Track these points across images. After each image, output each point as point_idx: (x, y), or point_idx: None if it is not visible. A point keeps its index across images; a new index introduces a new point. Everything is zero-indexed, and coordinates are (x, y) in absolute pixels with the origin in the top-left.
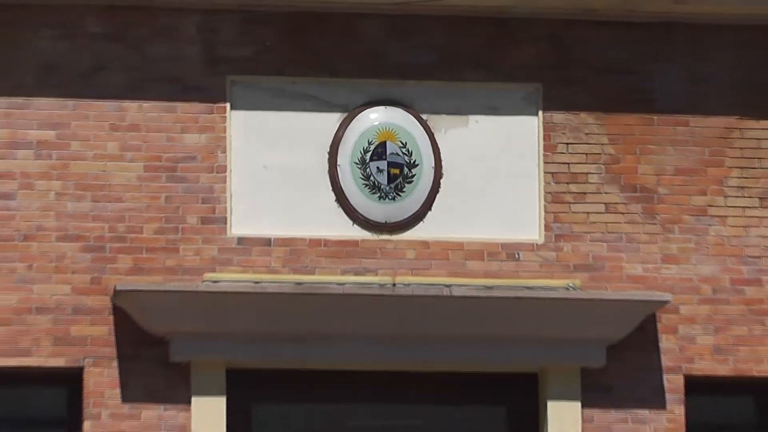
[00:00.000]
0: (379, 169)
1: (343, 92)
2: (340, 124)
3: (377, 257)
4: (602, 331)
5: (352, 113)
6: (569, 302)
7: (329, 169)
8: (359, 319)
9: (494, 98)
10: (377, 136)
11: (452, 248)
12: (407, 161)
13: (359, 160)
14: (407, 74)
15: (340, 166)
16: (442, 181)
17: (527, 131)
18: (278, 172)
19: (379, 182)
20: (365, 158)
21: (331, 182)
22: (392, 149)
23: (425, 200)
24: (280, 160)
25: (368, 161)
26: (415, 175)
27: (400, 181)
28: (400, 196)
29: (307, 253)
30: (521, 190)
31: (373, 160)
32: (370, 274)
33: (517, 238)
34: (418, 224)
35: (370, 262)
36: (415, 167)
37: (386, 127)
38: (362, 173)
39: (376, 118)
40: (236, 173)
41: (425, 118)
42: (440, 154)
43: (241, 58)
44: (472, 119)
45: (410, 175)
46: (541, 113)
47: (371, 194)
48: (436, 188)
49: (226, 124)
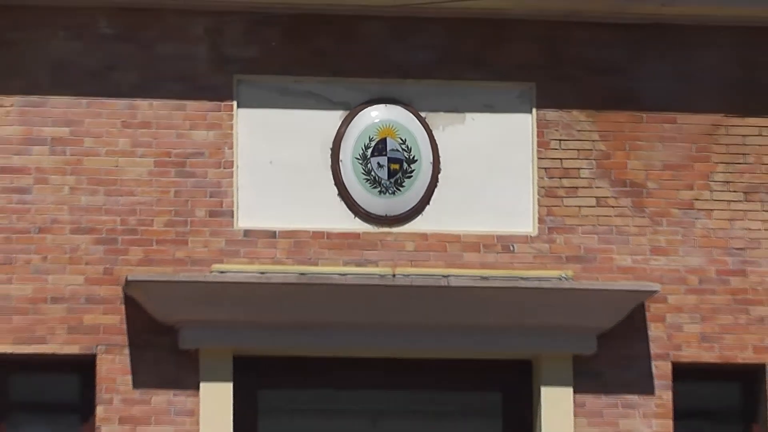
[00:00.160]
0: (379, 164)
1: (345, 91)
2: (342, 121)
3: (378, 249)
4: (593, 319)
5: (353, 111)
6: (562, 292)
7: (332, 164)
8: (360, 308)
9: (490, 96)
10: (378, 132)
11: (450, 240)
12: (407, 157)
13: (360, 155)
14: (407, 73)
15: (342, 161)
16: (440, 176)
17: (521, 128)
18: (283, 167)
19: (379, 177)
20: (366, 154)
21: (333, 177)
22: (392, 145)
23: (424, 194)
24: (284, 155)
25: (369, 157)
26: (414, 170)
27: (399, 176)
28: (399, 190)
29: (310, 245)
30: (516, 184)
31: (373, 155)
32: (371, 265)
33: (511, 230)
34: (417, 217)
35: (371, 253)
36: (414, 163)
37: (386, 124)
38: (363, 168)
39: (376, 115)
40: (243, 168)
41: (424, 115)
42: (438, 150)
43: (247, 57)
44: (468, 116)
45: (409, 170)
46: (534, 111)
47: (372, 189)
48: (434, 183)
49: (233, 121)
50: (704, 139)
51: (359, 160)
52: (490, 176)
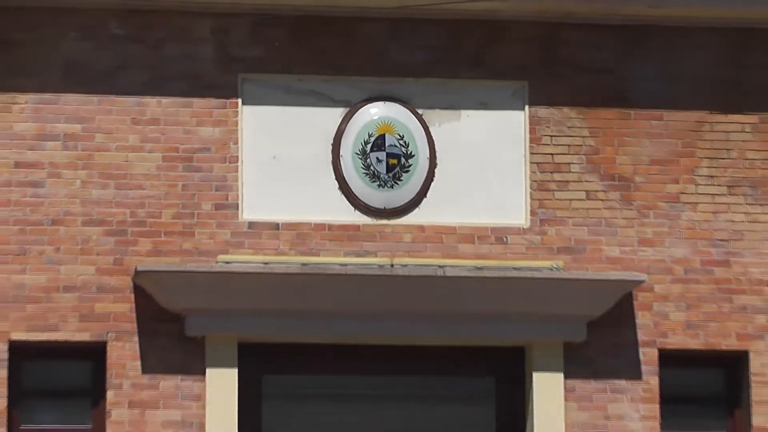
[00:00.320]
0: (378, 159)
1: (345, 89)
2: (342, 118)
3: (377, 240)
4: (583, 308)
5: (353, 108)
6: (553, 282)
7: (333, 159)
8: (360, 297)
9: (484, 94)
10: (377, 129)
11: (445, 232)
12: (404, 152)
13: (360, 151)
14: (405, 72)
15: (342, 156)
16: (436, 170)
17: (515, 125)
18: (286, 162)
19: (378, 171)
20: (366, 149)
21: (334, 171)
22: (391, 141)
23: (421, 188)
24: (287, 151)
25: (368, 152)
26: (411, 165)
27: (397, 170)
28: (397, 184)
29: (312, 236)
30: (509, 178)
31: (373, 151)
32: (370, 255)
33: (505, 222)
34: (414, 210)
35: (370, 244)
36: (411, 158)
37: (385, 120)
38: (363, 163)
39: (376, 112)
40: (247, 163)
41: (421, 112)
42: (435, 145)
43: (251, 57)
44: (464, 114)
45: (407, 165)
46: (527, 108)
47: (371, 182)
48: (430, 177)
49: (238, 118)
50: (689, 135)
51: (359, 155)
52: (484, 171)
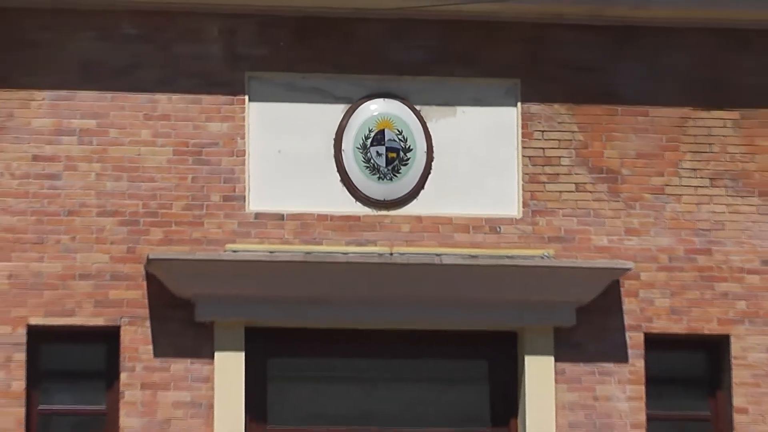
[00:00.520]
0: (378, 153)
1: (346, 86)
2: (344, 114)
3: (376, 230)
4: (573, 294)
5: (354, 105)
6: (544, 270)
7: (335, 153)
8: (360, 284)
9: (479, 91)
10: (377, 124)
11: (442, 222)
12: (403, 146)
13: (361, 145)
14: (403, 71)
15: (344, 150)
16: (433, 163)
17: (507, 120)
18: (290, 156)
19: (378, 165)
20: (366, 144)
21: (336, 165)
22: (390, 136)
23: (418, 180)
24: (291, 145)
25: (369, 146)
26: (409, 158)
27: (396, 163)
28: (396, 176)
29: (315, 226)
30: (502, 171)
31: (373, 145)
32: (370, 245)
33: (498, 213)
34: (412, 201)
35: (370, 234)
36: (409, 152)
37: (385, 116)
38: (363, 157)
39: (375, 108)
40: (254, 157)
41: (419, 108)
42: (432, 140)
43: (257, 56)
44: (459, 110)
45: (405, 158)
46: (519, 105)
47: (371, 175)
48: (428, 170)
49: (244, 114)
50: (674, 130)
51: (360, 149)
52: (479, 164)
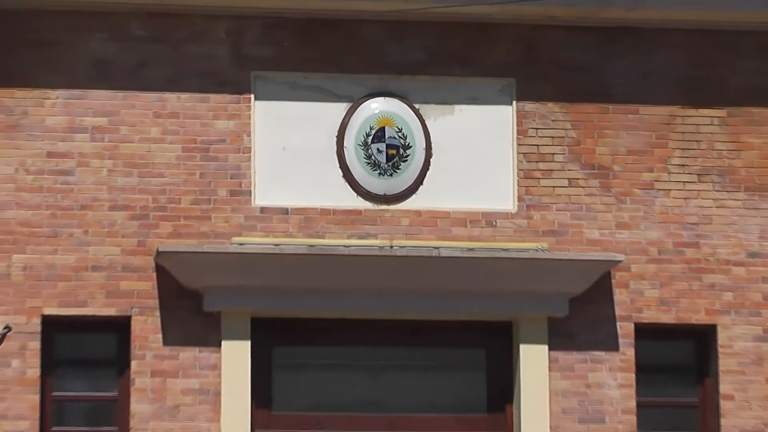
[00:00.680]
0: (379, 150)
1: (348, 85)
2: (346, 112)
3: (377, 224)
4: (566, 286)
5: (356, 103)
6: (538, 262)
7: (337, 150)
8: (362, 275)
9: (475, 90)
10: (377, 122)
11: (440, 216)
12: (402, 143)
13: (362, 142)
14: (402, 70)
15: (346, 147)
16: (431, 160)
17: (503, 118)
18: (294, 152)
19: (379, 161)
20: (367, 141)
21: (338, 161)
22: (390, 133)
23: (417, 176)
24: (296, 142)
25: (370, 143)
26: (409, 155)
27: (396, 160)
28: (396, 172)
29: (318, 220)
30: (498, 167)
31: (374, 142)
32: (371, 238)
33: (494, 208)
34: (411, 196)
35: (371, 228)
36: (409, 148)
37: (385, 114)
38: (365, 153)
39: (376, 107)
40: (259, 153)
41: (418, 107)
42: (430, 137)
43: (263, 56)
44: (457, 108)
45: (405, 155)
46: (514, 103)
47: (372, 171)
48: (426, 166)
49: (250, 112)
50: (663, 127)
51: (361, 146)
52: (475, 160)
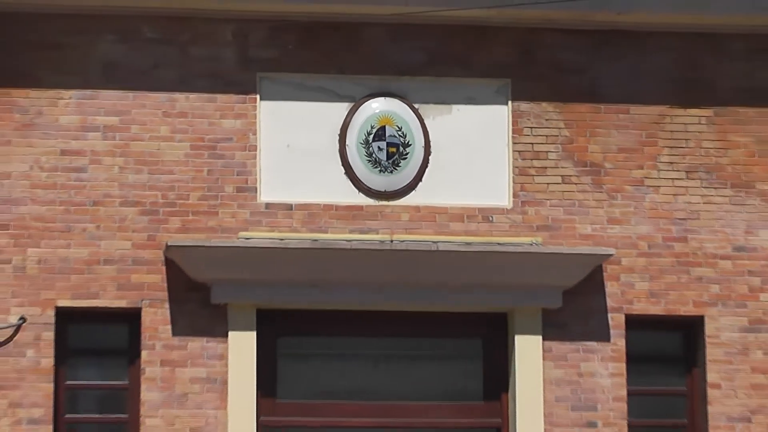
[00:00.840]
0: (379, 148)
1: (350, 86)
2: (348, 111)
3: (378, 219)
4: (559, 279)
5: (357, 103)
6: (532, 256)
7: (339, 148)
8: (363, 269)
9: (473, 91)
10: (378, 121)
11: (438, 212)
12: (402, 142)
13: (363, 140)
14: (402, 71)
15: (348, 145)
16: (430, 157)
17: (499, 118)
18: (298, 150)
19: (379, 158)
20: (368, 139)
21: (340, 158)
22: (390, 132)
23: (417, 173)
24: (300, 140)
25: (371, 142)
26: (408, 153)
27: (396, 157)
28: (396, 169)
29: (321, 215)
30: (494, 165)
31: (374, 140)
32: (372, 232)
33: (490, 204)
34: (411, 192)
35: (372, 223)
36: (408, 147)
37: (385, 114)
38: (366, 151)
39: (377, 107)
40: (264, 151)
41: (417, 107)
42: (429, 136)
43: (268, 58)
44: (454, 108)
45: (405, 153)
46: (510, 103)
47: (373, 168)
48: (425, 164)
49: (256, 111)
50: (652, 126)
51: (362, 144)
52: (472, 158)
